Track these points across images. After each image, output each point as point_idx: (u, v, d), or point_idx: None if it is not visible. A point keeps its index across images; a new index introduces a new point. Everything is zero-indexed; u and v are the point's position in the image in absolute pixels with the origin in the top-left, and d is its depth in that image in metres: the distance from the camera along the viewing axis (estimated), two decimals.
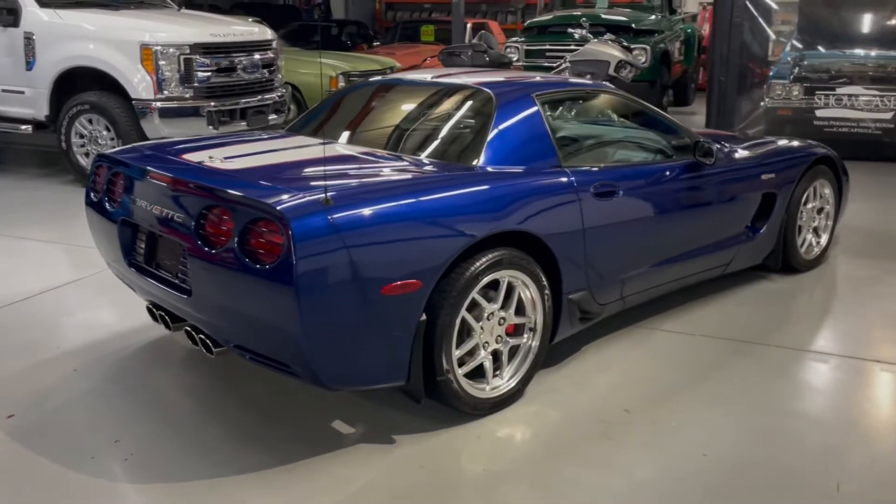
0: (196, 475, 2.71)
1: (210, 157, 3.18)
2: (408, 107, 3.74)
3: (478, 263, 2.93)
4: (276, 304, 2.57)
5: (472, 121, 3.38)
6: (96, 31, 6.67)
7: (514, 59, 9.81)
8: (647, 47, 9.30)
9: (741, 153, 4.32)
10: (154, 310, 3.28)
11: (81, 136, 6.84)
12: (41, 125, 7.06)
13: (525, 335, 3.23)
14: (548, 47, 9.62)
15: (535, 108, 3.45)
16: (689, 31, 11.77)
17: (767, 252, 4.54)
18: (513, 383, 3.18)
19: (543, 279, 3.19)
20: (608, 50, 8.05)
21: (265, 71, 7.45)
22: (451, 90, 3.63)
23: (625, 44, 8.41)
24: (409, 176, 3.05)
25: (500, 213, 3.01)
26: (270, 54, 7.52)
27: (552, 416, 3.16)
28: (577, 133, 3.82)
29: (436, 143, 3.33)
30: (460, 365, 3.02)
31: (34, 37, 6.79)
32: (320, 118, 3.87)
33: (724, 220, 4.13)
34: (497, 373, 3.16)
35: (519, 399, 3.23)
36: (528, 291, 3.16)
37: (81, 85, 6.85)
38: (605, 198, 3.43)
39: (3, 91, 7.03)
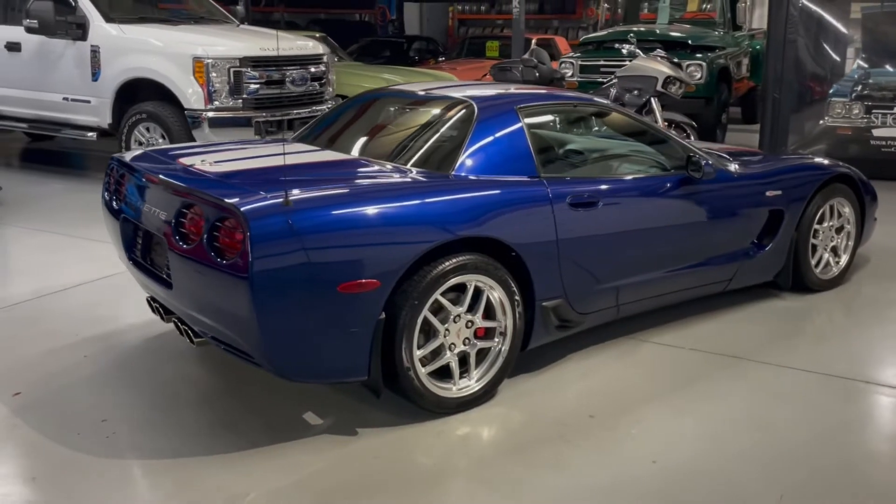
0: (164, 454, 2.92)
1: (202, 161, 3.40)
2: (397, 117, 3.89)
3: (441, 267, 3.05)
4: (236, 297, 2.75)
5: (453, 131, 3.51)
6: (154, 44, 7.08)
7: (569, 74, 9.86)
8: (703, 63, 9.19)
9: (745, 169, 4.29)
10: (152, 303, 3.52)
11: (140, 143, 7.25)
12: (105, 132, 7.52)
13: (495, 339, 3.32)
14: (602, 63, 9.63)
15: (515, 120, 3.55)
16: (757, 47, 11.55)
17: (777, 270, 4.49)
18: (480, 385, 3.27)
19: (513, 285, 3.28)
20: (656, 66, 8.01)
21: (316, 84, 7.75)
22: (438, 102, 3.76)
23: (675, 60, 8.34)
24: (377, 182, 3.19)
25: (464, 219, 3.11)
26: (321, 68, 7.81)
27: (516, 417, 3.24)
28: (562, 145, 3.89)
29: (416, 151, 3.46)
30: (426, 364, 3.14)
31: (100, 50, 7.26)
32: (323, 127, 4.05)
33: (722, 235, 4.11)
34: (465, 374, 3.26)
35: (489, 400, 3.33)
36: (496, 296, 3.26)
37: (142, 95, 7.27)
38: (582, 208, 3.50)
39: (72, 100, 7.54)
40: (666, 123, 7.89)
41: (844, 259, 4.80)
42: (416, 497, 2.68)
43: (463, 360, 3.26)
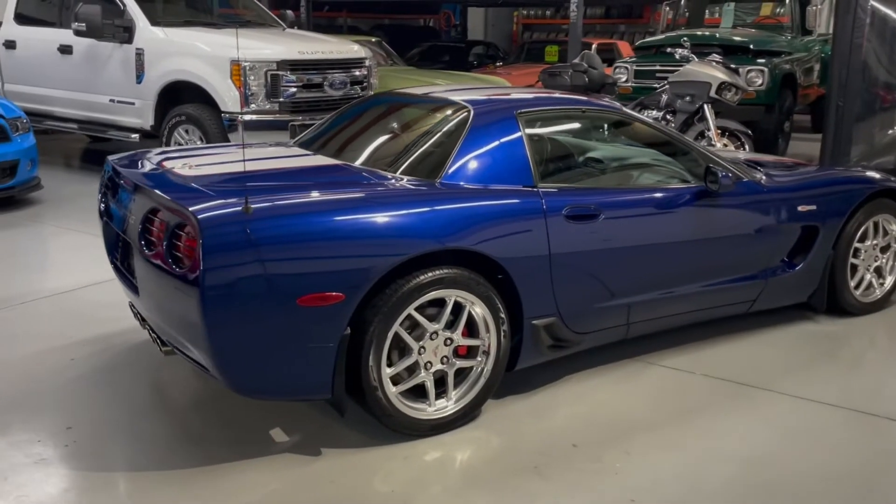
0: (120, 466, 2.82)
1: (183, 165, 3.31)
2: (393, 121, 3.72)
3: (415, 280, 2.87)
4: (188, 307, 2.63)
5: (445, 136, 3.32)
6: (194, 47, 7.12)
7: (623, 79, 9.53)
8: (765, 69, 8.74)
9: (775, 181, 3.97)
10: (132, 309, 3.45)
11: (179, 146, 7.31)
12: (148, 134, 7.60)
13: (478, 358, 3.12)
14: (657, 68, 9.25)
15: (513, 126, 3.34)
16: (828, 52, 10.96)
17: (811, 291, 4.14)
18: (458, 407, 3.08)
19: (497, 301, 3.07)
20: (709, 71, 7.64)
21: (357, 87, 7.66)
22: (436, 105, 3.58)
23: (732, 65, 7.95)
24: (351, 191, 3.01)
25: (443, 231, 2.92)
26: (362, 72, 7.72)
27: (493, 443, 3.03)
28: (566, 153, 3.65)
29: (405, 157, 3.29)
30: (399, 382, 2.96)
31: (144, 53, 7.34)
32: (324, 131, 3.92)
33: (744, 252, 3.80)
34: (443, 394, 3.07)
35: (469, 422, 3.13)
36: (479, 313, 3.06)
37: (184, 97, 7.32)
38: (581, 221, 3.26)
39: (118, 102, 7.65)
40: (719, 132, 7.52)
41: (890, 280, 4.41)
42: None
43: (442, 379, 3.07)
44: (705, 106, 7.54)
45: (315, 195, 2.92)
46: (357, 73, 7.69)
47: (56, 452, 2.89)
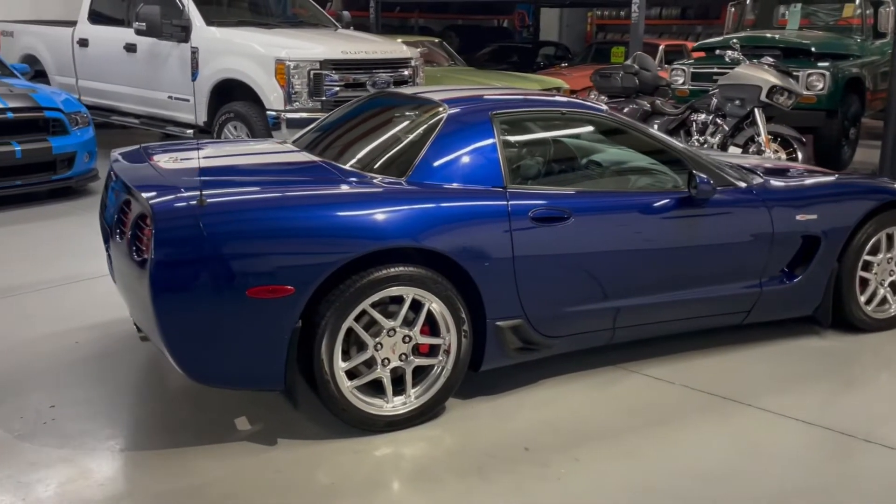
0: (83, 445, 2.97)
1: (169, 159, 3.46)
2: (379, 120, 3.76)
3: (369, 277, 2.93)
4: (144, 294, 2.76)
5: (418, 136, 3.36)
6: (244, 47, 7.36)
7: (680, 81, 9.33)
8: (826, 73, 8.39)
9: (770, 189, 3.84)
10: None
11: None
12: (201, 129, 7.90)
13: (439, 357, 3.15)
14: (715, 70, 8.99)
15: (486, 126, 3.36)
16: None
17: (815, 304, 3.99)
18: (416, 405, 3.12)
19: (457, 301, 3.09)
20: (760, 74, 7.40)
21: (401, 87, 7.75)
22: (418, 105, 3.61)
23: (784, 68, 7.67)
24: (312, 187, 3.11)
25: (398, 230, 2.97)
26: (407, 71, 7.82)
27: (446, 443, 3.05)
28: (542, 155, 3.63)
29: (379, 155, 3.35)
30: (355, 377, 3.03)
31: (198, 51, 7.63)
32: (321, 129, 4.01)
33: (733, 260, 3.69)
34: (402, 391, 3.12)
35: (429, 420, 3.16)
36: (438, 312, 3.09)
37: (235, 95, 7.58)
38: (548, 224, 3.25)
39: (175, 98, 7.97)
40: (769, 137, 7.29)
41: None
42: None
43: (403, 377, 3.11)
44: (756, 110, 7.32)
45: (274, 191, 3.01)
46: (405, 72, 7.80)
47: (29, 428, 3.07)
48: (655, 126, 8.05)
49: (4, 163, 6.47)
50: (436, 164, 3.25)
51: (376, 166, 3.29)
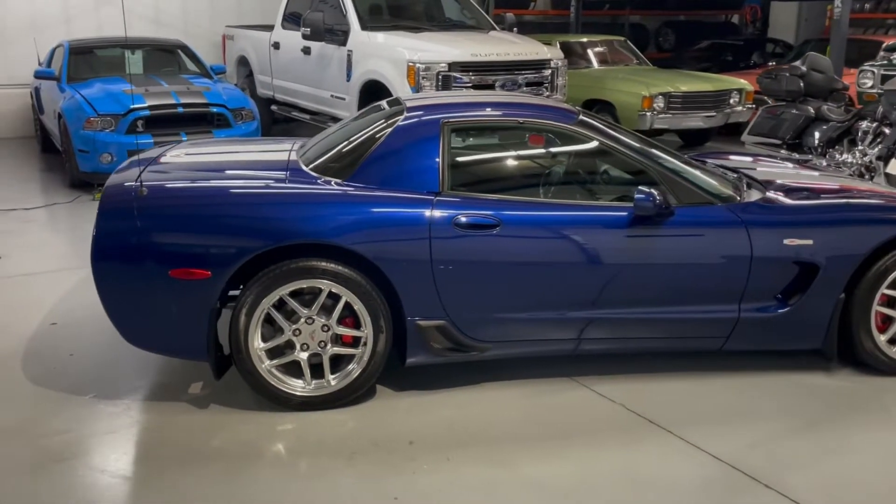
0: (49, 398, 3.47)
1: (178, 154, 3.97)
2: (359, 125, 3.93)
3: (284, 268, 3.21)
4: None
5: (371, 140, 3.56)
6: (385, 49, 7.86)
7: (868, 84, 8.43)
8: None
9: (758, 209, 3.53)
10: None
11: None
12: None
13: (360, 348, 3.35)
14: None
15: (433, 133, 3.48)
16: None
17: (819, 337, 3.60)
18: (332, 389, 3.35)
19: (376, 297, 3.27)
20: None
21: (536, 88, 7.84)
22: (392, 112, 3.77)
23: None
24: (250, 184, 3.47)
25: (316, 228, 3.22)
26: (544, 73, 7.87)
27: (345, 427, 3.26)
28: (491, 164, 3.63)
29: (337, 159, 3.60)
30: (273, 357, 3.33)
31: (352, 54, 8.27)
32: (328, 130, 4.31)
33: (697, 282, 3.46)
34: (321, 376, 3.36)
35: (347, 406, 3.37)
36: (357, 306, 3.29)
37: (381, 95, 8.11)
38: (474, 231, 3.30)
39: (335, 97, 8.70)
40: None
41: None
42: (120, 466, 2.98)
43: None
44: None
45: (208, 187, 3.40)
46: (545, 72, 7.88)
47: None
48: (816, 134, 7.41)
49: None
50: (376, 167, 3.44)
51: (328, 168, 3.55)
